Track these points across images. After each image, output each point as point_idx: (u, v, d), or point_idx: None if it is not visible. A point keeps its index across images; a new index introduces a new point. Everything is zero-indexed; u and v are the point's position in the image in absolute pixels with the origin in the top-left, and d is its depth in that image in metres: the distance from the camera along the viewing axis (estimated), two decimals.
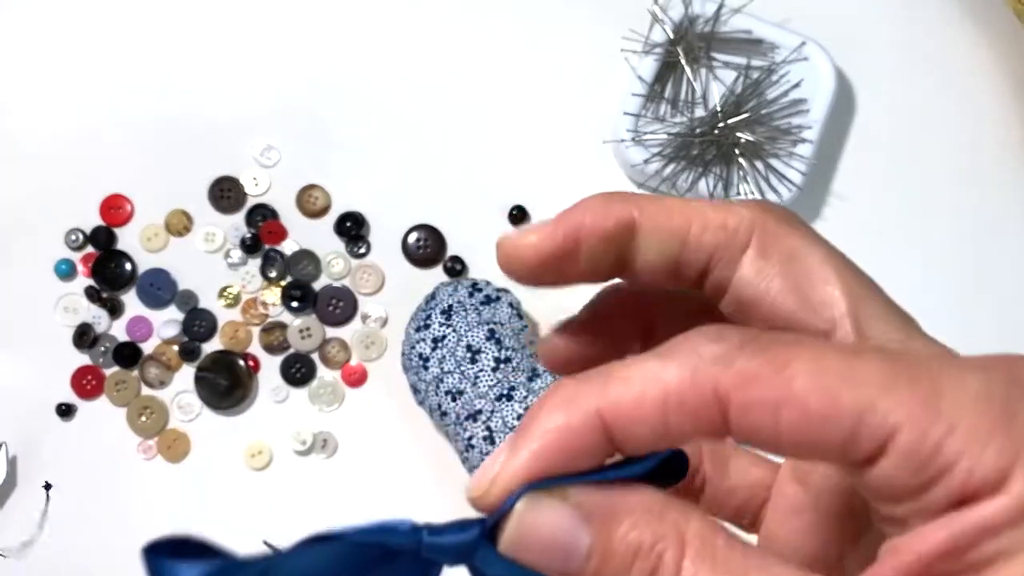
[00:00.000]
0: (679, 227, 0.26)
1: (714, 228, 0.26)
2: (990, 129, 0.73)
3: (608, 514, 0.23)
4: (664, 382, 0.22)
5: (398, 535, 0.23)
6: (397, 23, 0.72)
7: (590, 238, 0.26)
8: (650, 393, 0.22)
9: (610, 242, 0.26)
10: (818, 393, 0.21)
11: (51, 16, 0.71)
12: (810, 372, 0.22)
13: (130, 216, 0.69)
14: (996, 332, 0.71)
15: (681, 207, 0.26)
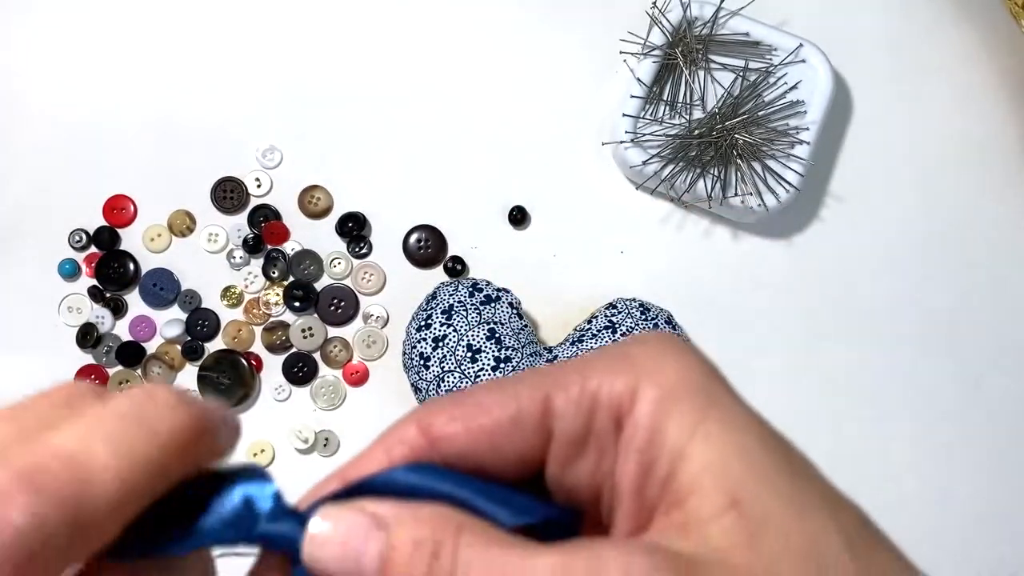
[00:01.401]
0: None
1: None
2: (988, 130, 0.73)
3: (398, 521, 0.25)
4: (377, 448, 0.28)
5: (232, 531, 0.26)
6: (398, 25, 0.72)
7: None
8: (385, 444, 0.28)
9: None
10: (482, 395, 0.27)
11: (55, 17, 0.72)
12: (480, 389, 0.27)
13: (133, 217, 0.70)
14: (996, 331, 0.71)
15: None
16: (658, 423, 0.25)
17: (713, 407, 0.25)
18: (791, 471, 0.25)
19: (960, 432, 0.70)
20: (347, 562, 0.25)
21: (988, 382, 0.71)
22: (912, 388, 0.70)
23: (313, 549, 0.25)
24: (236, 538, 0.26)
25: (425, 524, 0.25)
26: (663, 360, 0.26)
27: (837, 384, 0.70)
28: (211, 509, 0.26)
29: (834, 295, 0.71)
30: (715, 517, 0.24)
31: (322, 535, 0.25)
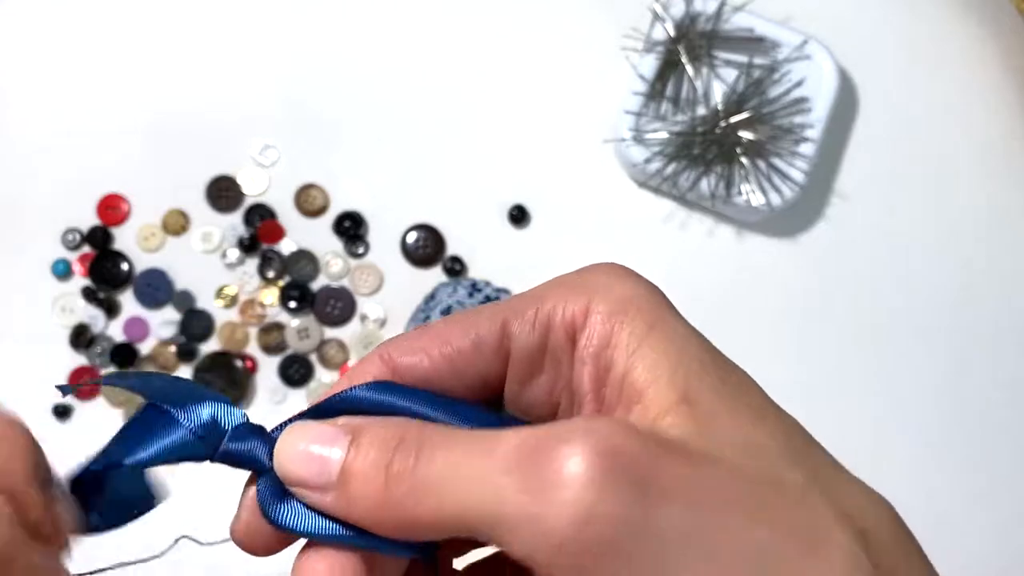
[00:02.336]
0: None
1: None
2: (994, 126, 0.72)
3: (366, 425, 0.27)
4: (356, 369, 0.29)
5: (194, 448, 0.28)
6: (396, 22, 0.72)
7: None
8: (350, 378, 0.29)
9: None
10: (440, 327, 0.29)
11: (48, 15, 0.71)
12: (441, 322, 0.29)
13: (127, 216, 0.69)
14: (999, 329, 0.71)
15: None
16: (610, 332, 0.27)
17: (661, 320, 0.27)
18: (730, 379, 0.27)
19: (963, 431, 0.70)
20: (313, 466, 0.26)
21: (997, 381, 0.70)
22: (919, 386, 0.70)
23: (281, 459, 0.27)
24: (201, 454, 0.28)
25: (389, 426, 0.26)
26: (613, 281, 0.28)
27: (842, 382, 0.70)
28: (175, 424, 0.28)
29: (839, 294, 0.70)
30: (669, 409, 0.26)
31: (289, 445, 0.27)
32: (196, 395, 0.28)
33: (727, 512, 0.23)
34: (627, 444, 0.23)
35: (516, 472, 0.23)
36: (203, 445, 0.28)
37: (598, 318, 0.28)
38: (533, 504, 0.23)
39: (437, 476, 0.24)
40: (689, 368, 0.26)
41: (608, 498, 0.22)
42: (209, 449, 0.28)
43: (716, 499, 0.23)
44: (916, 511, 0.73)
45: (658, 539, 0.22)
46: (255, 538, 0.29)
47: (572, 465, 0.23)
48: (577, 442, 0.23)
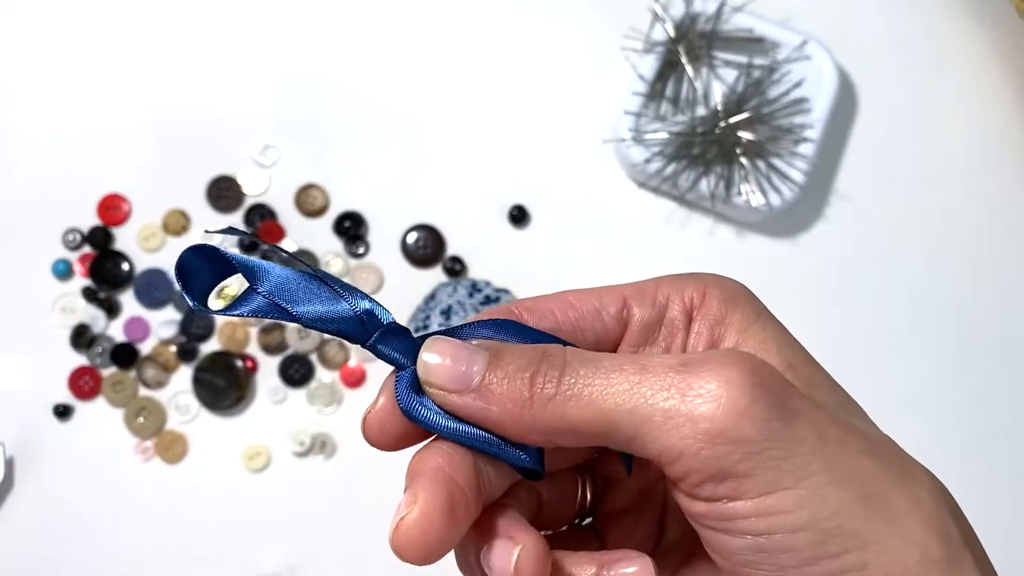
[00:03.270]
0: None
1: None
2: (993, 126, 0.72)
3: (504, 346, 0.29)
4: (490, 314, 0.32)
5: (353, 327, 0.30)
6: (396, 22, 0.72)
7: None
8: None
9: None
10: (567, 295, 0.32)
11: (48, 16, 0.71)
12: (569, 292, 0.32)
13: (127, 216, 0.69)
14: (998, 329, 0.71)
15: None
16: (725, 313, 0.31)
17: (765, 313, 0.32)
18: (816, 363, 0.31)
19: (962, 431, 0.70)
20: (457, 369, 0.29)
21: (997, 381, 0.70)
22: (918, 386, 0.70)
23: (424, 363, 0.29)
24: (357, 335, 0.30)
25: (528, 346, 0.29)
26: (725, 279, 0.32)
27: (841, 382, 0.69)
28: (340, 301, 0.30)
29: (839, 294, 0.70)
30: (780, 369, 0.29)
31: (432, 353, 0.29)
32: (354, 289, 0.30)
33: (839, 441, 0.27)
34: (768, 370, 0.27)
35: (670, 380, 0.27)
36: (362, 328, 0.30)
37: (715, 301, 0.31)
38: (688, 405, 0.26)
39: (585, 382, 0.27)
40: (792, 349, 0.31)
41: (758, 404, 0.26)
42: (365, 335, 0.30)
43: (831, 426, 0.27)
44: None
45: (791, 445, 0.26)
46: (385, 429, 0.31)
47: (727, 376, 0.26)
48: (728, 360, 0.27)
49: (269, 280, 0.30)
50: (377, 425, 0.31)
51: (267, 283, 0.30)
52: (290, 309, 0.29)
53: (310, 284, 0.30)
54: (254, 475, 0.67)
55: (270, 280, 0.30)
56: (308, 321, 0.29)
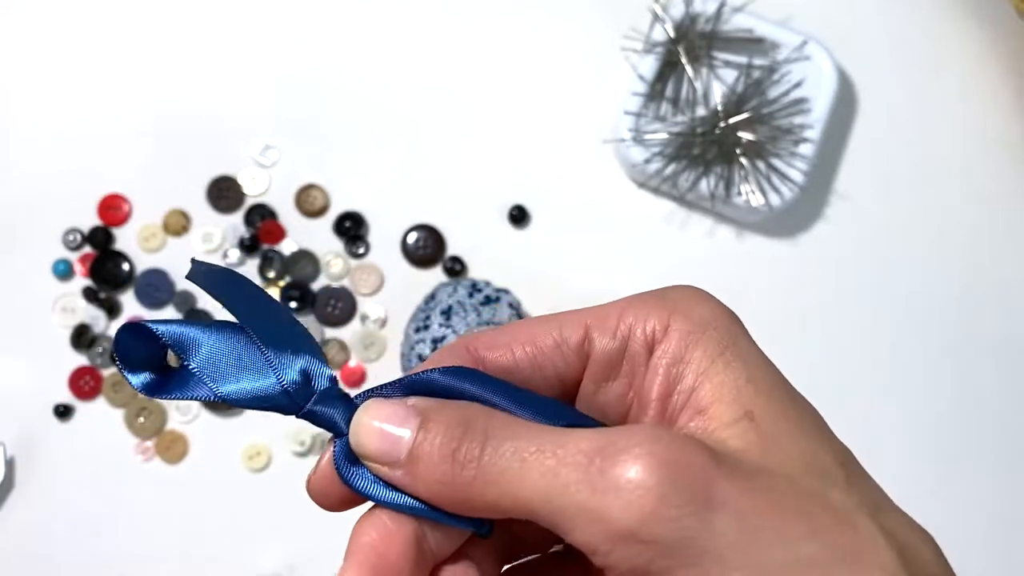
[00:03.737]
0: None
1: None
2: (992, 127, 0.72)
3: (437, 407, 0.28)
4: (441, 356, 0.31)
5: (281, 400, 0.29)
6: (397, 22, 0.72)
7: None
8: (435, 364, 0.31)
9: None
10: (524, 326, 0.31)
11: (49, 15, 0.71)
12: (525, 322, 0.31)
13: (128, 216, 0.69)
14: (997, 329, 0.71)
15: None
16: (685, 349, 0.29)
17: (733, 344, 0.29)
18: (793, 403, 0.28)
19: (963, 430, 0.70)
20: (386, 441, 0.28)
21: (997, 381, 0.70)
22: (918, 385, 0.70)
23: (356, 433, 0.28)
24: (285, 407, 0.29)
25: (458, 409, 0.28)
26: (693, 303, 0.30)
27: (842, 382, 0.70)
28: (267, 371, 0.29)
29: (839, 294, 0.70)
30: (731, 424, 0.27)
31: (364, 421, 0.28)
32: (294, 340, 0.29)
33: (775, 525, 0.25)
34: (687, 455, 0.25)
35: (583, 470, 0.25)
36: (290, 402, 0.29)
37: (676, 334, 0.29)
38: (598, 500, 0.25)
39: (504, 465, 0.26)
40: (756, 389, 0.28)
41: (667, 503, 0.24)
42: (294, 407, 0.29)
43: (766, 512, 0.25)
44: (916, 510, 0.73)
45: (709, 544, 0.24)
46: (328, 493, 0.30)
47: (637, 470, 0.25)
48: (643, 449, 0.25)
49: (199, 353, 0.29)
50: (319, 491, 0.30)
51: (197, 357, 0.29)
52: (215, 389, 0.29)
53: (244, 349, 0.29)
54: (254, 475, 0.67)
55: (200, 353, 0.29)
56: (233, 401, 0.29)
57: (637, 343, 0.30)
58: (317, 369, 0.29)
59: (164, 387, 0.29)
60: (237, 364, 0.29)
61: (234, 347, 0.29)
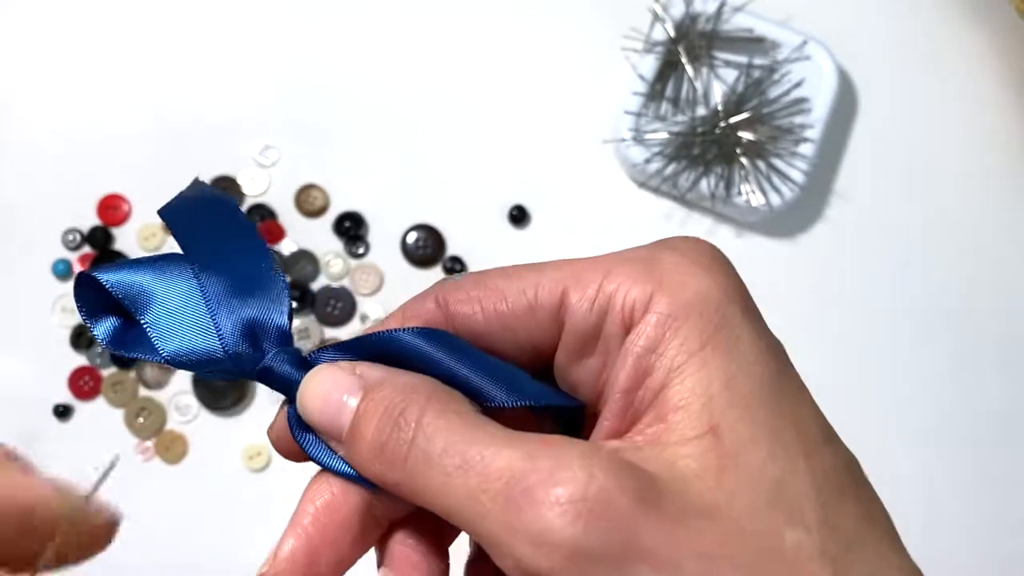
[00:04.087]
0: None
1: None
2: (993, 127, 0.72)
3: (378, 383, 0.27)
4: (398, 312, 0.29)
5: (229, 365, 0.27)
6: (396, 22, 0.72)
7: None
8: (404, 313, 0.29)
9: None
10: (502, 280, 0.29)
11: (49, 16, 0.71)
12: (503, 273, 0.29)
13: (127, 216, 0.69)
14: (999, 329, 0.71)
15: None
16: (662, 337, 0.26)
17: (720, 332, 0.25)
18: (776, 410, 0.25)
19: (963, 430, 0.70)
20: (326, 417, 0.27)
21: (998, 380, 0.70)
22: (919, 385, 0.70)
23: (303, 400, 0.27)
24: (237, 371, 0.28)
25: (399, 392, 0.26)
26: (686, 274, 0.26)
27: (842, 382, 0.69)
28: (212, 336, 0.27)
29: (839, 294, 0.70)
30: (691, 440, 0.24)
31: (309, 393, 0.27)
32: (250, 284, 0.27)
33: (705, 572, 0.23)
34: (612, 495, 0.23)
35: (501, 502, 0.23)
36: (236, 366, 0.27)
37: (654, 319, 0.26)
38: (510, 538, 0.23)
39: (426, 478, 0.25)
40: (731, 397, 0.25)
41: (579, 559, 0.22)
42: (243, 371, 0.28)
43: (694, 563, 0.23)
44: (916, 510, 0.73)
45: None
46: (287, 449, 0.29)
47: (551, 518, 0.23)
48: (563, 490, 0.23)
49: (151, 307, 0.27)
50: (279, 446, 0.30)
51: (149, 311, 0.27)
52: (161, 350, 0.27)
53: (191, 300, 0.27)
54: (254, 475, 0.67)
55: (151, 307, 0.27)
56: (181, 365, 0.27)
57: (614, 320, 0.27)
58: (269, 324, 0.27)
59: (125, 343, 0.28)
60: (182, 319, 0.27)
61: (182, 298, 0.27)
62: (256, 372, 0.28)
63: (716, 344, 0.25)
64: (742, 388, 0.25)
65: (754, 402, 0.25)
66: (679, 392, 0.25)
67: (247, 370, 0.28)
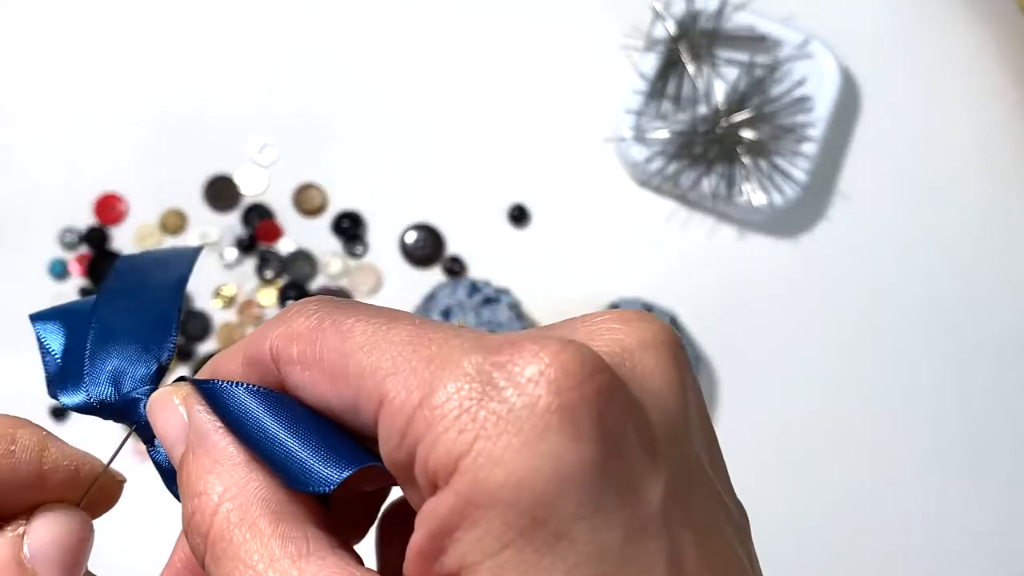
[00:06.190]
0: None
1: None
2: (996, 125, 0.72)
3: (196, 444, 0.25)
4: (242, 346, 0.25)
5: (100, 412, 0.27)
6: (396, 21, 0.71)
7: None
8: (245, 350, 0.25)
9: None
10: (335, 354, 0.23)
11: (45, 15, 0.71)
12: (341, 336, 0.23)
13: (124, 215, 0.68)
14: (1000, 329, 0.70)
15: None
16: (457, 525, 0.20)
17: (532, 532, 0.20)
18: None
19: (963, 430, 0.69)
20: (167, 449, 0.26)
21: (998, 380, 0.70)
22: (920, 385, 0.69)
23: (150, 414, 0.26)
24: (105, 417, 0.27)
25: (200, 474, 0.25)
26: (512, 437, 0.20)
27: (843, 381, 0.69)
28: (81, 383, 0.27)
29: (841, 294, 0.70)
30: None
31: (151, 413, 0.26)
32: (127, 330, 0.27)
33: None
34: None
35: None
36: (103, 414, 0.27)
37: (450, 501, 0.20)
38: None
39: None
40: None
41: None
42: (110, 416, 0.27)
43: None
44: (916, 510, 0.73)
45: None
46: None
47: None
48: None
49: (55, 353, 0.27)
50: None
51: (53, 358, 0.27)
52: (56, 394, 0.27)
53: (77, 347, 0.26)
54: None
55: (56, 353, 0.27)
56: (76, 410, 0.27)
57: (420, 471, 0.21)
58: (131, 370, 0.26)
59: (53, 386, 0.28)
60: (69, 367, 0.27)
61: (71, 342, 0.27)
62: (112, 415, 0.27)
63: (521, 548, 0.20)
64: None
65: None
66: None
67: (109, 412, 0.27)
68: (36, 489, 0.26)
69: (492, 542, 0.20)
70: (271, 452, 0.24)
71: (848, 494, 0.67)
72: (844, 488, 0.68)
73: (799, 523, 0.66)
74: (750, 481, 0.66)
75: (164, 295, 0.28)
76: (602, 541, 0.20)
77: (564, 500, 0.20)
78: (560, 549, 0.20)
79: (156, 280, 0.28)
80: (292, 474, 0.23)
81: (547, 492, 0.20)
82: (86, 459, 0.27)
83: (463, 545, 0.20)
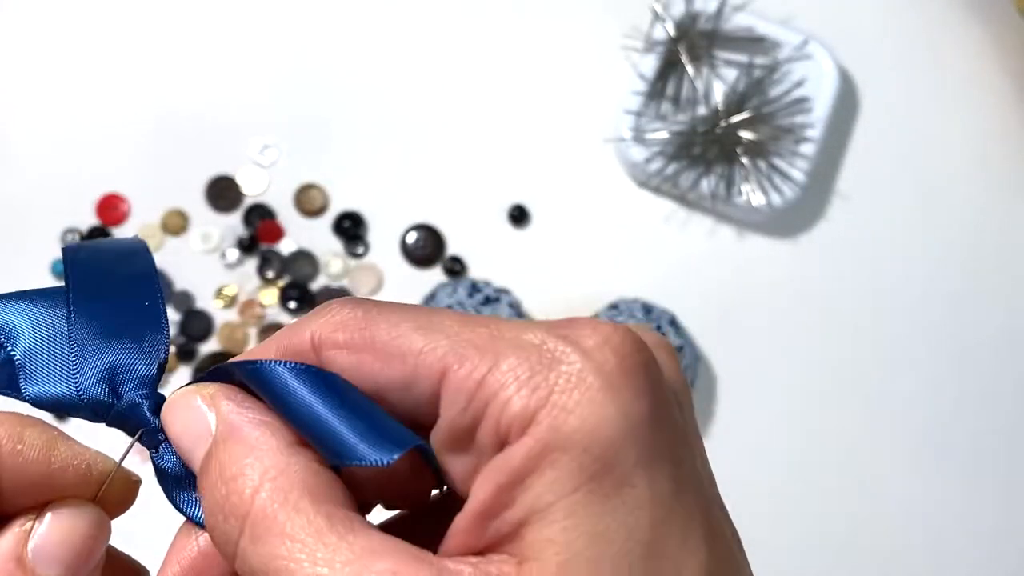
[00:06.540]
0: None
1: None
2: (994, 125, 0.72)
3: (221, 440, 0.24)
4: (274, 339, 0.26)
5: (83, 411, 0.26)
6: (396, 21, 0.72)
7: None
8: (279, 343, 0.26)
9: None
10: (387, 336, 0.24)
11: (47, 14, 0.71)
12: (390, 323, 0.24)
13: (126, 215, 0.69)
14: (999, 328, 0.70)
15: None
16: (531, 469, 0.22)
17: (601, 477, 0.21)
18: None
19: (963, 430, 0.69)
20: (183, 445, 0.26)
21: (998, 381, 0.70)
22: (919, 385, 0.70)
23: (166, 415, 0.26)
24: (94, 418, 0.26)
25: (237, 458, 0.24)
26: (581, 393, 0.22)
27: (843, 382, 0.69)
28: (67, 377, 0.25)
29: (840, 294, 0.70)
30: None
31: (167, 419, 0.26)
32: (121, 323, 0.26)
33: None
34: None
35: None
36: (93, 414, 0.26)
37: (526, 448, 0.22)
38: None
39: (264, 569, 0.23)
40: (597, 555, 0.21)
41: None
42: (99, 418, 0.26)
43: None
44: (916, 510, 0.73)
45: None
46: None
47: None
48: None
49: (20, 341, 0.26)
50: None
51: (20, 346, 0.25)
52: (24, 390, 0.26)
53: (59, 338, 0.25)
54: None
55: (21, 342, 0.26)
56: (44, 407, 0.26)
57: (487, 431, 0.22)
58: (132, 371, 0.26)
59: (15, 379, 0.26)
60: (45, 360, 0.26)
61: (48, 337, 0.26)
62: (109, 420, 0.26)
63: (592, 490, 0.21)
64: (610, 548, 0.21)
65: (623, 567, 0.21)
66: (536, 540, 0.21)
67: (103, 417, 0.26)
68: (45, 488, 0.26)
69: (567, 483, 0.21)
70: (320, 428, 0.23)
71: (847, 493, 0.68)
72: (843, 487, 0.68)
73: (799, 523, 0.67)
74: (750, 481, 0.66)
75: (141, 289, 0.27)
76: (656, 489, 0.22)
77: (629, 448, 0.22)
78: (624, 493, 0.21)
79: (121, 273, 0.27)
80: (346, 448, 0.23)
81: (616, 439, 0.21)
82: (98, 458, 0.27)
83: (536, 489, 0.21)
